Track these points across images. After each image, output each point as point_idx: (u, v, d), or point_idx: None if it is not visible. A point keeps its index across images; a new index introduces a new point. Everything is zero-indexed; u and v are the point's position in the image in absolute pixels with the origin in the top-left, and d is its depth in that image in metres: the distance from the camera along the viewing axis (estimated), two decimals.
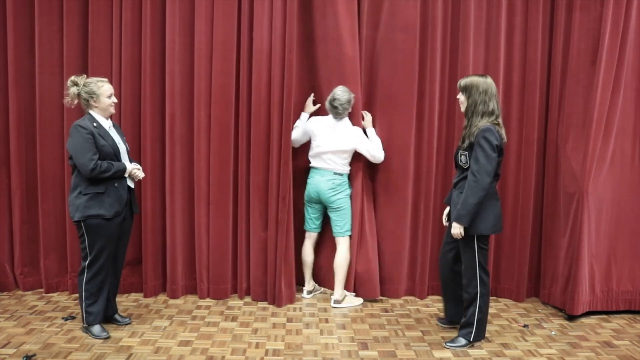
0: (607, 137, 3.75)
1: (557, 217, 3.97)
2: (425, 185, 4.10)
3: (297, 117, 4.07)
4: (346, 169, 4.00)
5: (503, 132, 3.13)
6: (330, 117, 3.96)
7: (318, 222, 4.10)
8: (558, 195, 3.96)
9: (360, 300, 4.03)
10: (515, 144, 4.07)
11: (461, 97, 3.18)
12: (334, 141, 3.92)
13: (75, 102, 3.34)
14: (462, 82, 3.17)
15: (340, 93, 3.86)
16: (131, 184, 3.42)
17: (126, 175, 3.35)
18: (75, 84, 3.30)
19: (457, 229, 3.11)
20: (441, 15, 4.00)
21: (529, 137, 4.05)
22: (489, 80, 3.14)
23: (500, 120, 3.13)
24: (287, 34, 3.81)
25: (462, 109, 3.20)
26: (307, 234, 4.13)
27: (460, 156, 3.16)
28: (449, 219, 3.36)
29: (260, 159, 3.95)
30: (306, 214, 4.11)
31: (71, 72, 3.87)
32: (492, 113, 3.07)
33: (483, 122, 3.05)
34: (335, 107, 3.87)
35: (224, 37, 3.92)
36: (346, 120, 3.95)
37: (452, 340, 3.29)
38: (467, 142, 3.08)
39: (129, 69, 3.96)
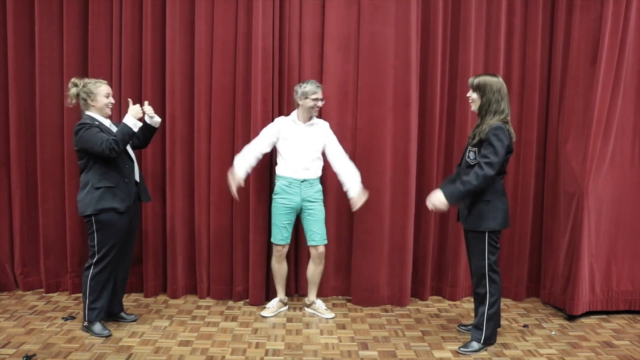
0: (607, 137, 3.75)
1: (557, 217, 3.97)
2: (426, 185, 4.09)
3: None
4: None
5: (512, 130, 3.13)
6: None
7: None
8: (558, 195, 3.97)
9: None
10: (515, 144, 4.05)
11: (473, 95, 3.15)
12: None
13: (74, 101, 3.39)
14: (475, 80, 3.13)
15: None
16: (148, 119, 3.46)
17: (134, 127, 3.28)
18: (75, 84, 3.38)
19: (441, 203, 3.07)
20: (441, 15, 4.00)
21: (528, 137, 4.06)
22: (501, 80, 3.13)
23: (509, 119, 3.13)
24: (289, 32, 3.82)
25: (474, 107, 3.17)
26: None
27: (469, 152, 3.14)
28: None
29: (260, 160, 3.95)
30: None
31: (71, 72, 3.89)
32: (502, 112, 3.08)
33: (494, 120, 3.05)
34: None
35: (224, 37, 3.93)
36: None
37: (465, 345, 3.25)
38: (477, 139, 3.07)
39: (129, 68, 3.97)
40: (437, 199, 3.09)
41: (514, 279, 4.14)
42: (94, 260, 3.32)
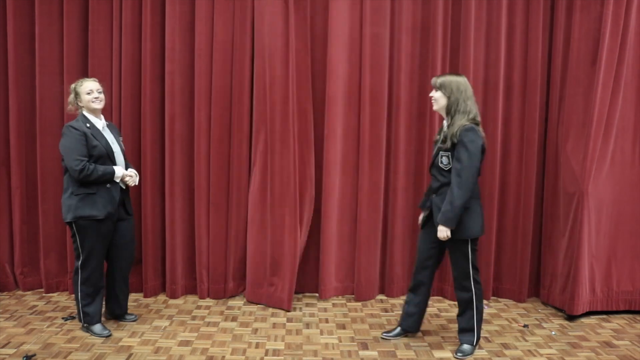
0: (607, 137, 3.75)
1: (557, 217, 3.97)
2: (425, 185, 4.09)
3: (303, 116, 4.03)
4: None
5: (481, 130, 3.03)
6: None
7: None
8: (558, 195, 3.97)
9: None
10: (516, 144, 4.07)
11: (436, 94, 3.06)
12: None
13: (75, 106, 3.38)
14: (439, 80, 3.06)
15: None
16: (123, 186, 3.40)
17: (117, 180, 3.32)
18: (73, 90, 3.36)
19: (444, 232, 2.98)
20: (442, 15, 4.00)
21: (529, 137, 4.05)
22: (466, 79, 3.07)
23: (478, 119, 3.04)
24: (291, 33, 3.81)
25: (436, 107, 3.09)
26: None
27: (442, 157, 3.03)
28: (425, 224, 3.24)
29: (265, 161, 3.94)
30: None
31: (71, 72, 3.90)
32: (470, 112, 3.00)
33: (463, 122, 2.97)
34: None
35: (224, 37, 3.92)
36: None
37: (460, 350, 3.19)
38: (449, 143, 2.98)
39: (129, 69, 3.96)
40: (442, 235, 3.01)
41: (517, 280, 4.11)
42: (79, 263, 3.29)
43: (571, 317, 3.80)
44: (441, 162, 3.05)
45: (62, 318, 3.66)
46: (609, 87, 3.68)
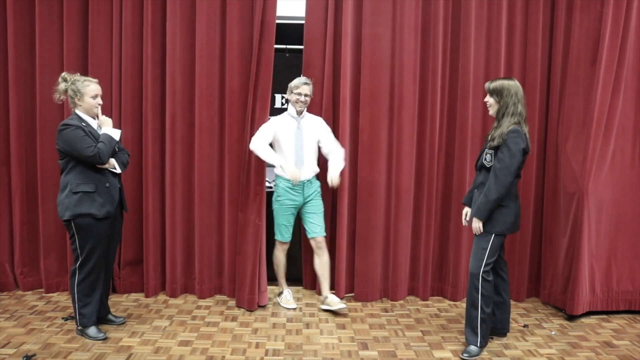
0: (607, 137, 3.75)
1: (557, 217, 3.97)
2: (427, 185, 4.10)
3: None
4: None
5: (527, 132, 3.15)
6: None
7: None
8: (558, 195, 3.97)
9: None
10: None
11: (490, 99, 3.19)
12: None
13: (63, 97, 3.32)
14: (491, 85, 3.18)
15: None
16: (118, 170, 3.34)
17: (117, 138, 3.27)
18: (65, 79, 3.28)
19: (476, 224, 3.15)
20: (442, 15, 4.00)
21: (529, 136, 4.04)
22: (517, 83, 3.17)
23: (525, 121, 3.16)
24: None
25: (491, 112, 3.21)
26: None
27: (486, 155, 3.18)
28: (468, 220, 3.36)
29: None
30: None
31: (71, 72, 3.89)
32: (519, 114, 3.12)
33: (511, 123, 3.09)
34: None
35: (241, 38, 3.92)
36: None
37: (467, 351, 3.20)
38: (495, 142, 3.10)
39: (130, 69, 3.97)
40: (475, 227, 3.16)
41: (515, 279, 4.13)
42: (78, 264, 3.27)
43: (571, 317, 3.80)
44: (485, 160, 3.19)
45: (62, 318, 3.66)
46: (609, 87, 3.68)
